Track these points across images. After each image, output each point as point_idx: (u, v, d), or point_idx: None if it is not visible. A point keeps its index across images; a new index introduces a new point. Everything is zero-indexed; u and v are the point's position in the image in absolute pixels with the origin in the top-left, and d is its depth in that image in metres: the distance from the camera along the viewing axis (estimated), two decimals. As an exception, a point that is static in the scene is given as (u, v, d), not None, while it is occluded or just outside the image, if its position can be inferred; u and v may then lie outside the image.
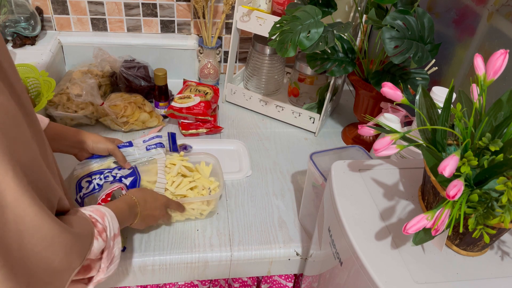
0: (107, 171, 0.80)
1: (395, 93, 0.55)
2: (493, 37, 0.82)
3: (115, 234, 0.60)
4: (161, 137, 0.89)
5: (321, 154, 0.78)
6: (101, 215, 0.58)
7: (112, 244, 0.58)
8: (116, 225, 0.60)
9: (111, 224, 0.59)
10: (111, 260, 0.59)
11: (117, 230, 0.61)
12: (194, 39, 1.27)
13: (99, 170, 0.81)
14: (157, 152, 0.86)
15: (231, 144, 1.07)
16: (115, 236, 0.60)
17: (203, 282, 0.84)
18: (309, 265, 0.77)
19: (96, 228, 0.55)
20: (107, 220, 0.58)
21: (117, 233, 0.60)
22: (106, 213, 0.59)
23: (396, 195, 0.60)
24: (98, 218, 0.57)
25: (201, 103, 1.08)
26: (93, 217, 0.57)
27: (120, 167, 0.82)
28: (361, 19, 1.08)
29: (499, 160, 0.46)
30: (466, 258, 0.53)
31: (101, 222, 0.57)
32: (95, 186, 0.77)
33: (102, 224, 0.57)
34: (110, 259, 0.59)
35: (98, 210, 0.59)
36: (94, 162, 0.82)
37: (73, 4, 1.20)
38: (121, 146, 0.85)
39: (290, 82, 1.21)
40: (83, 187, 0.78)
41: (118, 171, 0.81)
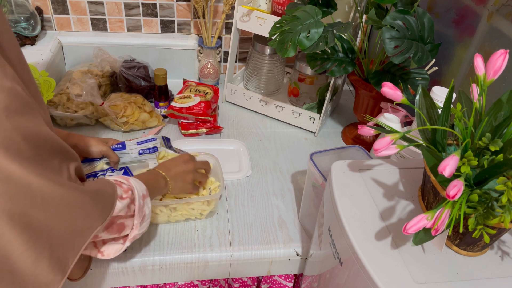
0: (101, 173, 0.80)
1: (395, 93, 0.55)
2: (493, 37, 0.82)
3: (144, 194, 0.64)
4: (155, 140, 0.88)
5: (321, 154, 0.78)
6: (125, 179, 0.63)
7: (142, 202, 0.63)
8: (142, 187, 0.65)
9: (137, 186, 0.63)
10: (142, 217, 0.64)
11: (145, 191, 0.65)
12: (194, 39, 1.27)
13: (93, 172, 0.80)
14: (149, 157, 0.86)
15: (231, 144, 1.07)
16: (144, 197, 0.64)
17: (203, 282, 0.84)
18: (309, 265, 0.77)
19: (121, 187, 0.60)
20: (132, 181, 0.63)
21: (145, 194, 0.65)
22: (130, 178, 0.64)
23: (396, 195, 0.60)
24: (123, 180, 0.62)
25: (201, 103, 1.08)
26: (118, 180, 0.62)
27: (113, 169, 0.82)
28: (361, 19, 1.08)
29: (499, 160, 0.46)
30: (466, 258, 0.53)
31: (126, 183, 0.62)
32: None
33: (128, 185, 0.62)
34: (142, 216, 0.63)
35: (121, 176, 0.65)
36: (87, 164, 0.81)
37: (73, 4, 1.20)
38: (113, 148, 0.84)
39: (290, 82, 1.21)
40: None
41: (111, 173, 0.80)
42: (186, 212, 0.81)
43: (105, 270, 0.75)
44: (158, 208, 0.79)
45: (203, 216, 0.84)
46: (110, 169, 0.81)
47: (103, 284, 0.77)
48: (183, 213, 0.81)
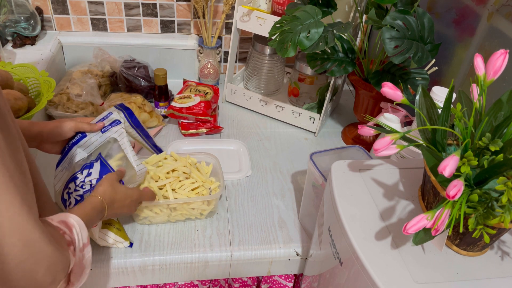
0: (80, 181, 0.77)
1: (395, 93, 0.55)
2: (493, 37, 0.82)
3: (84, 244, 0.56)
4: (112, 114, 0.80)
5: (321, 154, 0.78)
6: (68, 228, 0.54)
7: (81, 255, 0.55)
8: (85, 234, 0.57)
9: (79, 235, 0.55)
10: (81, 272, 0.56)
11: (86, 240, 0.57)
12: (194, 39, 1.27)
13: (72, 177, 0.78)
14: (114, 130, 0.79)
15: (231, 144, 1.07)
16: (84, 246, 0.56)
17: (203, 282, 0.84)
18: (309, 265, 0.77)
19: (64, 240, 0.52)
20: (75, 231, 0.55)
21: (86, 243, 0.57)
22: (75, 223, 0.56)
23: (396, 195, 0.60)
24: (66, 230, 0.54)
25: (201, 103, 1.08)
26: (61, 229, 0.53)
27: (92, 163, 0.78)
28: (361, 19, 1.08)
29: (499, 160, 0.46)
30: (466, 258, 0.53)
31: (68, 234, 0.54)
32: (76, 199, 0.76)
33: (70, 236, 0.54)
34: (81, 272, 0.56)
35: (65, 222, 0.55)
36: (63, 169, 0.79)
37: (73, 4, 1.20)
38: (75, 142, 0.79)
39: (290, 82, 1.21)
40: (66, 199, 0.77)
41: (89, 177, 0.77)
42: (186, 212, 0.81)
43: (105, 270, 0.75)
44: (158, 208, 0.79)
45: (203, 216, 0.84)
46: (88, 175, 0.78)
47: (103, 284, 0.77)
48: (183, 212, 0.81)
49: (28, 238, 0.42)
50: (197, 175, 0.84)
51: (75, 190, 0.77)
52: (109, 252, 0.76)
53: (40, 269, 0.43)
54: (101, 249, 0.76)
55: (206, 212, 0.83)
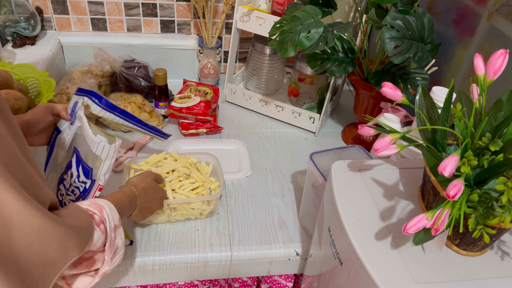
0: (68, 184, 0.76)
1: (395, 93, 0.55)
2: (493, 37, 0.82)
3: (116, 225, 0.59)
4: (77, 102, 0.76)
5: (321, 154, 0.78)
6: (98, 208, 0.57)
7: (113, 235, 0.58)
8: (116, 216, 0.60)
9: (110, 216, 0.58)
10: (114, 251, 0.59)
11: (118, 221, 0.60)
12: (194, 39, 1.27)
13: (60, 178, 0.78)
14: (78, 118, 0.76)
15: (231, 144, 1.07)
16: (116, 228, 0.59)
17: (203, 282, 0.84)
18: (309, 265, 0.77)
19: (94, 220, 0.55)
20: (105, 212, 0.58)
21: (118, 224, 0.60)
22: (104, 205, 0.59)
23: (396, 195, 0.60)
24: (96, 211, 0.57)
25: (201, 103, 1.08)
26: (90, 210, 0.56)
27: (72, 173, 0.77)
28: (361, 19, 1.08)
29: (499, 160, 0.46)
30: (466, 258, 0.53)
31: (98, 215, 0.57)
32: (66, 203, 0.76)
33: (100, 216, 0.57)
34: (113, 250, 0.59)
35: (95, 203, 0.58)
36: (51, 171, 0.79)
37: (73, 4, 1.20)
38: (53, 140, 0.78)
39: (290, 82, 1.21)
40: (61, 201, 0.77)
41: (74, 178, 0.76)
42: (186, 212, 0.81)
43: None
44: None
45: (203, 216, 0.84)
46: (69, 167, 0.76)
47: (103, 284, 0.77)
48: (183, 212, 0.81)
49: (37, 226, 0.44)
50: (197, 175, 0.84)
51: (66, 194, 0.76)
52: (109, 252, 0.76)
53: (49, 248, 0.46)
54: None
55: (206, 212, 0.83)
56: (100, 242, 0.56)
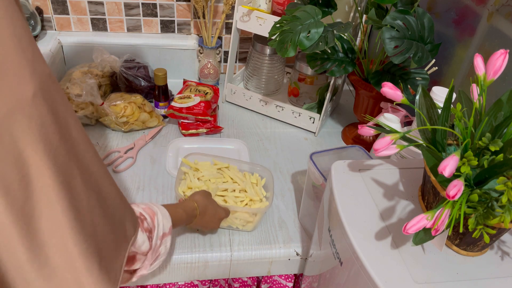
0: None
1: (395, 93, 0.55)
2: (493, 37, 0.82)
3: (165, 233, 0.60)
4: None
5: (321, 154, 0.78)
6: (151, 214, 0.59)
7: (159, 243, 0.59)
8: (167, 224, 0.61)
9: (161, 224, 0.59)
10: (155, 258, 0.61)
11: (168, 230, 0.61)
12: (194, 39, 1.27)
13: None
14: None
15: (232, 143, 1.06)
16: (164, 236, 0.60)
17: (203, 282, 0.84)
18: (309, 265, 0.77)
19: (142, 226, 0.56)
20: (157, 219, 0.59)
21: (167, 233, 0.61)
22: (158, 212, 0.60)
23: (396, 195, 0.60)
24: (147, 216, 0.58)
25: (201, 103, 1.08)
26: (143, 214, 0.58)
27: None
28: (361, 19, 1.08)
29: (499, 160, 0.46)
30: (466, 258, 0.53)
31: (149, 221, 0.58)
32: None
33: (149, 224, 0.58)
34: (154, 257, 0.60)
35: (150, 208, 0.60)
36: None
37: (73, 4, 1.20)
38: None
39: (290, 82, 1.21)
40: None
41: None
42: (229, 220, 0.81)
43: (105, 270, 0.75)
44: None
45: (244, 228, 0.82)
46: None
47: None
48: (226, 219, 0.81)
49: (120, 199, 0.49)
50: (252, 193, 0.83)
51: None
52: (109, 252, 0.76)
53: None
54: (101, 249, 0.76)
55: (249, 225, 0.82)
56: (145, 246, 0.56)
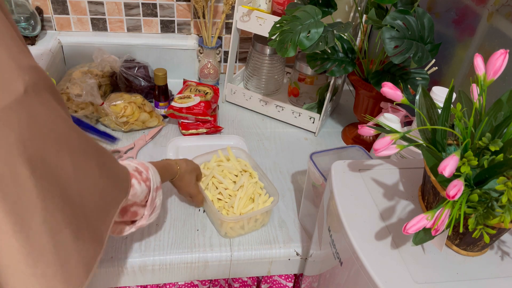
0: None
1: (395, 93, 0.55)
2: (493, 37, 0.82)
3: (157, 186, 0.67)
4: None
5: (321, 154, 0.78)
6: (145, 168, 0.66)
7: (155, 194, 0.66)
8: (158, 179, 0.68)
9: (153, 177, 0.66)
10: (153, 209, 0.67)
11: (159, 184, 0.68)
12: (194, 39, 1.27)
13: None
14: None
15: (231, 140, 1.06)
16: (157, 189, 0.67)
17: (203, 282, 0.84)
18: (309, 265, 0.77)
19: (141, 176, 0.63)
20: (151, 173, 0.66)
21: (159, 186, 0.68)
22: (150, 167, 0.67)
23: (396, 195, 0.60)
24: (143, 170, 0.65)
25: (201, 103, 1.08)
26: (139, 169, 0.64)
27: None
28: (361, 19, 1.08)
29: (499, 160, 0.46)
30: (466, 258, 0.53)
31: (145, 173, 0.65)
32: None
33: (147, 175, 0.65)
34: (152, 208, 0.67)
35: (143, 164, 0.67)
36: None
37: (73, 4, 1.20)
38: None
39: (290, 82, 1.21)
40: None
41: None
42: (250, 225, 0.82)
43: (105, 270, 0.75)
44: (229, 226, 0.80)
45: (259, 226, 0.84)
46: None
47: (103, 284, 0.77)
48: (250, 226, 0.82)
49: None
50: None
51: None
52: (109, 252, 0.76)
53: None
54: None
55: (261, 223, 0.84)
56: (143, 195, 0.63)
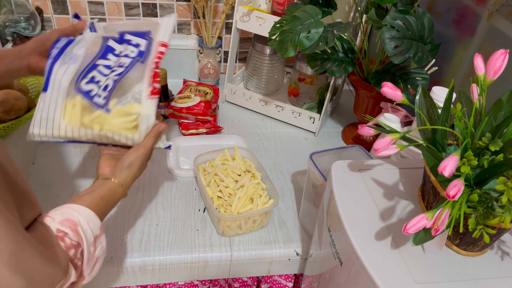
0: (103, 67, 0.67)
1: (395, 93, 0.55)
2: (493, 37, 0.82)
3: (96, 236, 0.54)
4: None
5: (321, 154, 0.78)
6: (72, 226, 0.51)
7: (92, 250, 0.53)
8: (97, 226, 0.55)
9: (88, 231, 0.53)
10: (93, 264, 0.54)
11: (99, 230, 0.55)
12: (194, 39, 1.27)
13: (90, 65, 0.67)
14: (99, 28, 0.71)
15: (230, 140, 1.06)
16: (96, 238, 0.54)
17: (203, 282, 0.84)
18: (309, 265, 0.77)
19: (64, 243, 0.49)
20: (81, 228, 0.52)
21: (98, 234, 0.55)
22: (81, 220, 0.52)
23: (396, 195, 0.60)
24: (68, 231, 0.50)
25: (201, 103, 1.08)
26: (61, 230, 0.50)
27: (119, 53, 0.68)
28: (361, 19, 1.08)
29: (499, 160, 0.46)
30: (466, 258, 0.53)
31: (71, 236, 0.50)
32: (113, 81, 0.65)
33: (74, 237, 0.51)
34: (92, 265, 0.54)
35: (69, 219, 0.51)
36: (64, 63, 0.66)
37: (73, 4, 1.20)
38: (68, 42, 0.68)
39: (290, 82, 1.21)
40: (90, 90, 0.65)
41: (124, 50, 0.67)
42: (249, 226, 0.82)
43: (105, 270, 0.75)
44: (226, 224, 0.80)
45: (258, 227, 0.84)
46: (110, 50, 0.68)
47: (103, 284, 0.77)
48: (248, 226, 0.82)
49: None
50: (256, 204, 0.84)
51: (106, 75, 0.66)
52: (109, 252, 0.76)
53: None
54: (101, 249, 0.76)
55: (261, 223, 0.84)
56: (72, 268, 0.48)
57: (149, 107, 0.65)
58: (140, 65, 0.66)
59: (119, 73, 0.65)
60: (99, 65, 0.67)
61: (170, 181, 0.94)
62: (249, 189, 0.83)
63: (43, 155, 0.97)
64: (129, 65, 0.66)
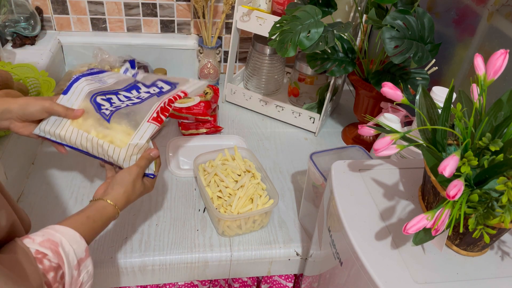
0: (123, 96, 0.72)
1: (395, 93, 0.55)
2: (493, 37, 0.82)
3: (81, 259, 0.50)
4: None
5: (321, 154, 0.78)
6: (53, 246, 0.47)
7: (76, 274, 0.49)
8: (81, 248, 0.51)
9: (70, 252, 0.49)
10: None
11: (84, 253, 0.51)
12: (194, 39, 1.27)
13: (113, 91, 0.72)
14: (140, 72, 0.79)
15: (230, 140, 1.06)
16: (81, 262, 0.50)
17: (203, 282, 0.84)
18: (309, 265, 0.77)
19: (42, 265, 0.45)
20: (62, 249, 0.48)
21: (83, 257, 0.51)
22: (62, 240, 0.49)
23: (396, 195, 0.60)
24: (48, 252, 0.47)
25: (201, 103, 1.08)
26: (40, 251, 0.46)
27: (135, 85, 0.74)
28: (361, 19, 1.08)
29: (499, 160, 0.46)
30: (466, 258, 0.53)
31: (51, 257, 0.46)
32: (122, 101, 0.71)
33: (54, 259, 0.47)
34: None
35: (50, 239, 0.48)
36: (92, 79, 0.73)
37: (73, 4, 1.20)
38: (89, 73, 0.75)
39: (290, 82, 1.21)
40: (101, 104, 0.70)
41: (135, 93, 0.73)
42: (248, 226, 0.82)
43: (105, 270, 0.75)
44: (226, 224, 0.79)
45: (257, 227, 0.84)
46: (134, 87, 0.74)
47: (103, 284, 0.77)
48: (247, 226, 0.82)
49: None
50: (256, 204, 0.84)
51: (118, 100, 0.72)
52: (109, 252, 0.76)
53: None
54: (100, 249, 0.76)
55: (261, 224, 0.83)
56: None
57: (145, 128, 0.68)
58: (155, 99, 0.72)
59: (134, 102, 0.72)
60: (120, 94, 0.73)
61: (170, 181, 0.94)
62: (249, 189, 0.83)
63: (43, 155, 0.97)
64: (146, 98, 0.72)
